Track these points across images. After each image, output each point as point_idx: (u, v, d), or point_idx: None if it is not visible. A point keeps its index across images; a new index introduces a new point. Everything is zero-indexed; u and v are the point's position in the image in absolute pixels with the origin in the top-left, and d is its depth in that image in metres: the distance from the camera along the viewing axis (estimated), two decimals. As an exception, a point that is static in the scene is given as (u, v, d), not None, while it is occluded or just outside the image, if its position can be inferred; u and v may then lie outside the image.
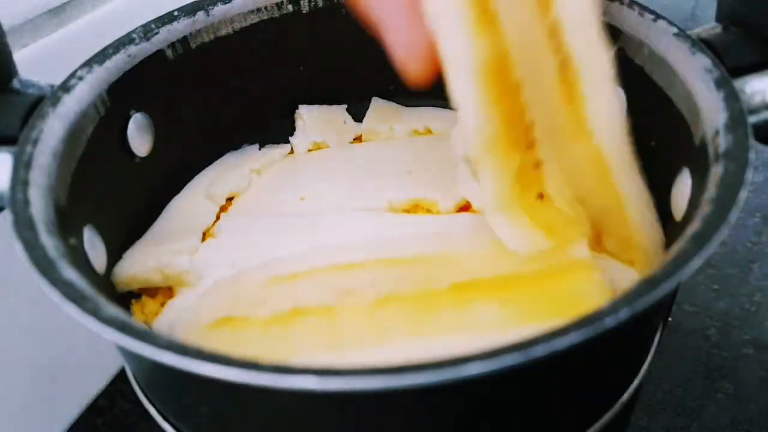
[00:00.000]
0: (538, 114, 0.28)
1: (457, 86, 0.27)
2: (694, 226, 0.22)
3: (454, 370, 0.18)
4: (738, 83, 0.27)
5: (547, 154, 0.29)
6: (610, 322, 0.19)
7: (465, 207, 0.34)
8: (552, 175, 0.30)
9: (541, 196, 0.30)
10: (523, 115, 0.28)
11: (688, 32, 0.29)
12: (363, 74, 0.38)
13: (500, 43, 0.27)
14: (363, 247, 0.29)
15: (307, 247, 0.31)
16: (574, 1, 0.28)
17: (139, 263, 0.31)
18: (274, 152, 0.38)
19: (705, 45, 0.28)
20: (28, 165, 0.26)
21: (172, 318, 0.29)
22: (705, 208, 0.23)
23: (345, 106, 0.40)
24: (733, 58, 0.28)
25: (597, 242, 0.30)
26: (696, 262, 0.21)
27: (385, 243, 0.29)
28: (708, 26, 0.30)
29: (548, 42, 0.28)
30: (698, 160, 0.26)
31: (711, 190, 0.23)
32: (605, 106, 0.28)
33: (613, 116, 0.29)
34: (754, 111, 0.28)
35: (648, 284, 0.20)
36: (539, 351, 0.19)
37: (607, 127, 0.29)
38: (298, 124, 0.39)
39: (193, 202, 0.35)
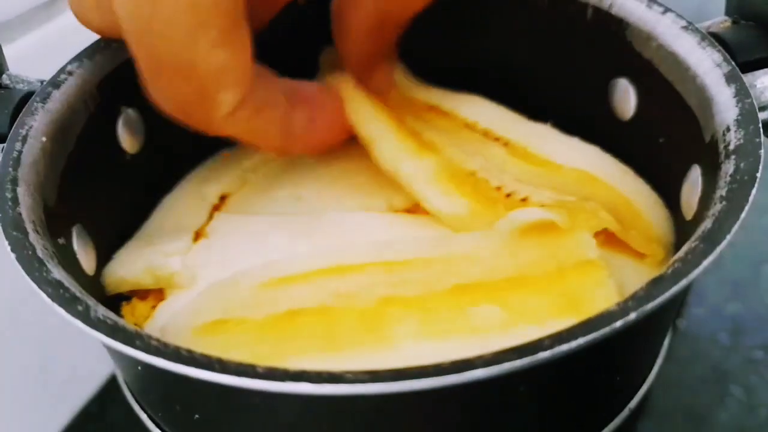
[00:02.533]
0: (504, 182, 0.31)
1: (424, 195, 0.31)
2: (705, 225, 0.22)
3: (456, 374, 0.18)
4: (748, 78, 0.27)
5: (531, 191, 0.30)
6: (618, 323, 0.19)
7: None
8: (543, 196, 0.30)
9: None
10: (489, 183, 0.31)
11: (697, 26, 0.28)
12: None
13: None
14: (362, 248, 0.29)
15: (304, 248, 0.30)
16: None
17: (129, 265, 0.30)
18: (271, 150, 0.37)
19: (714, 39, 0.27)
20: (16, 162, 0.26)
21: (164, 321, 0.28)
22: (716, 207, 0.22)
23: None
24: (743, 52, 0.28)
25: (622, 234, 0.29)
26: (707, 262, 0.20)
27: (385, 244, 0.29)
28: (717, 20, 0.30)
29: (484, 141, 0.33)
30: (709, 157, 0.25)
31: (722, 188, 0.23)
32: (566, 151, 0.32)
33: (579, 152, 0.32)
34: (765, 107, 0.27)
35: (658, 285, 0.20)
36: (545, 354, 0.18)
37: (579, 158, 0.32)
38: (295, 120, 0.38)
39: (185, 200, 0.34)
